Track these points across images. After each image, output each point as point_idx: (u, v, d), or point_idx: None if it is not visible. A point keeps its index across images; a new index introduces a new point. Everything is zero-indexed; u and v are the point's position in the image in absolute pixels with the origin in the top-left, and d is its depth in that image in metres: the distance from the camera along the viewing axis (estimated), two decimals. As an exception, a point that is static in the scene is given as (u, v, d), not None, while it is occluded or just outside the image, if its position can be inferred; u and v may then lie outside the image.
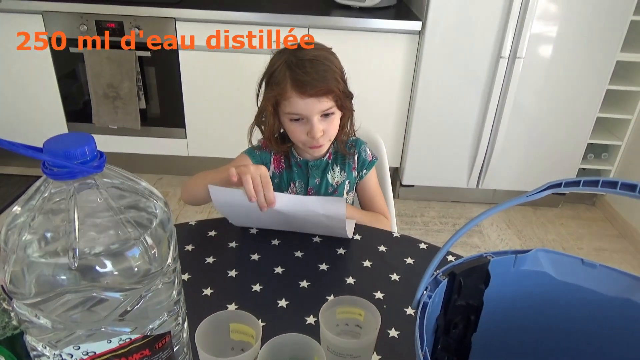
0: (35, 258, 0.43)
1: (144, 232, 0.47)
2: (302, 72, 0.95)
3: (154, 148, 2.48)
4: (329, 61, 1.00)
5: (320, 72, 0.96)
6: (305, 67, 0.96)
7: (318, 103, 0.97)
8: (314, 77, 0.95)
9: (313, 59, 0.98)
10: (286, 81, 0.96)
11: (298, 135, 1.02)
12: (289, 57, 0.99)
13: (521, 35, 2.09)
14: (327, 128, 1.01)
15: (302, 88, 0.95)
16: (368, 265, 0.89)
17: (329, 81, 0.97)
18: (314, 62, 0.97)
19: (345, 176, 1.13)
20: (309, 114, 0.98)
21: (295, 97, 0.97)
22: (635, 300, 0.53)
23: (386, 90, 2.32)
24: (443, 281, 0.52)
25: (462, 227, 0.48)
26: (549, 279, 0.57)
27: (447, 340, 0.58)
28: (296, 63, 0.97)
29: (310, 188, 1.14)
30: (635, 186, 0.43)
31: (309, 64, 0.96)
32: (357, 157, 1.13)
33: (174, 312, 0.52)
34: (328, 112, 1.00)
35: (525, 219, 2.49)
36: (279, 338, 0.56)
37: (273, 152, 1.11)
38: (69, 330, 0.45)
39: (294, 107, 0.98)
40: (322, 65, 0.97)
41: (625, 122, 2.39)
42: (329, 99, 0.98)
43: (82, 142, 0.44)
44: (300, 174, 1.13)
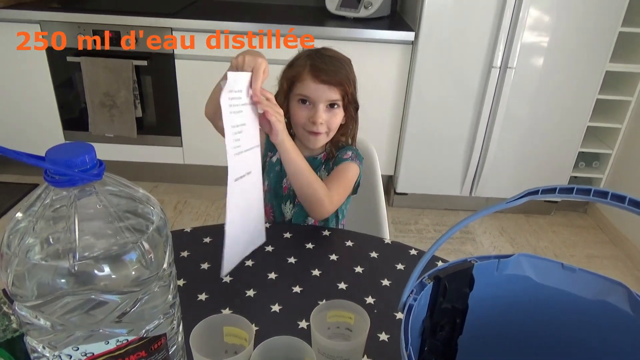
0: (37, 261, 0.45)
1: (140, 237, 0.49)
2: (321, 62, 1.06)
3: (150, 156, 2.50)
4: (346, 64, 1.11)
5: (336, 67, 1.07)
6: (324, 59, 1.07)
7: (328, 90, 1.05)
8: (330, 67, 1.06)
9: (333, 56, 1.10)
10: (305, 66, 1.07)
11: (300, 118, 1.08)
12: (312, 52, 1.10)
13: (512, 45, 2.13)
14: (328, 119, 1.08)
15: (317, 72, 1.05)
16: (359, 271, 0.91)
17: (342, 76, 1.07)
18: (334, 58, 1.09)
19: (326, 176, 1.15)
20: (317, 99, 1.05)
21: (309, 81, 1.05)
22: (611, 302, 0.55)
23: (380, 99, 2.35)
24: (428, 285, 0.54)
25: (444, 233, 0.50)
26: (531, 283, 0.59)
27: (433, 343, 0.60)
28: (317, 55, 1.09)
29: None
30: (606, 193, 0.46)
31: (328, 59, 1.08)
32: (336, 156, 1.15)
33: (170, 315, 0.54)
34: (334, 104, 1.07)
35: (518, 226, 2.52)
36: (270, 340, 0.58)
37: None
38: (68, 332, 0.47)
39: (305, 89, 1.06)
40: (339, 63, 1.09)
41: (615, 131, 2.43)
42: (338, 91, 1.06)
43: (82, 151, 0.46)
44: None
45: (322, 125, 1.07)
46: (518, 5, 2.05)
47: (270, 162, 1.18)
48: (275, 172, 1.17)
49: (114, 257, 0.47)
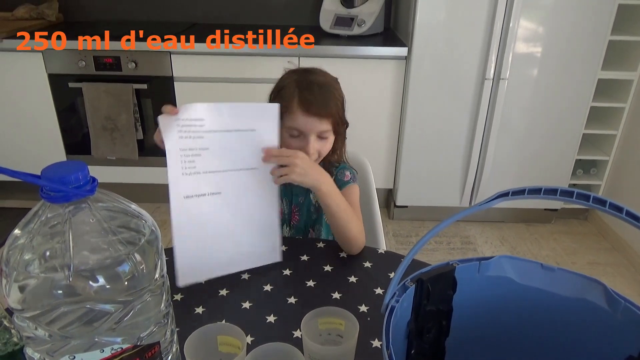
0: (35, 275, 0.48)
1: (133, 250, 0.51)
2: (310, 93, 1.05)
3: (152, 177, 2.54)
4: (334, 89, 1.09)
5: (325, 97, 1.06)
6: (313, 90, 1.05)
7: (318, 123, 1.05)
8: (319, 99, 1.05)
9: (321, 84, 1.08)
10: (294, 98, 1.05)
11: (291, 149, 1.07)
12: (299, 77, 1.08)
13: (504, 57, 2.17)
14: (320, 149, 1.08)
15: (307, 106, 1.04)
16: (353, 280, 0.93)
17: (331, 106, 1.06)
18: (322, 87, 1.07)
19: None
20: (308, 131, 1.05)
21: (299, 114, 1.04)
22: (590, 299, 0.57)
23: (377, 114, 2.39)
24: (411, 287, 0.56)
25: (423, 236, 0.52)
26: (512, 283, 0.61)
27: (421, 345, 0.61)
28: (306, 85, 1.06)
29: (294, 206, 1.19)
30: (572, 193, 0.48)
31: (317, 87, 1.06)
32: (335, 179, 1.16)
33: (163, 324, 0.56)
34: (324, 135, 1.07)
35: (519, 235, 2.53)
36: (262, 347, 0.60)
37: None
38: (65, 341, 0.49)
39: (295, 122, 1.05)
40: (328, 92, 1.07)
41: (610, 138, 2.45)
42: (328, 122, 1.06)
43: (76, 168, 0.49)
44: (286, 192, 1.18)
45: (314, 154, 1.07)
46: (508, 17, 2.10)
47: None
48: None
49: (107, 269, 0.49)
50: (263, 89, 1.13)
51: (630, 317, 0.53)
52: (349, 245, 1.02)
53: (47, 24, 2.55)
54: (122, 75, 2.29)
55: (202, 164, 0.87)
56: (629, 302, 0.54)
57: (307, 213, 1.19)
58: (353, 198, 1.14)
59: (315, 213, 1.19)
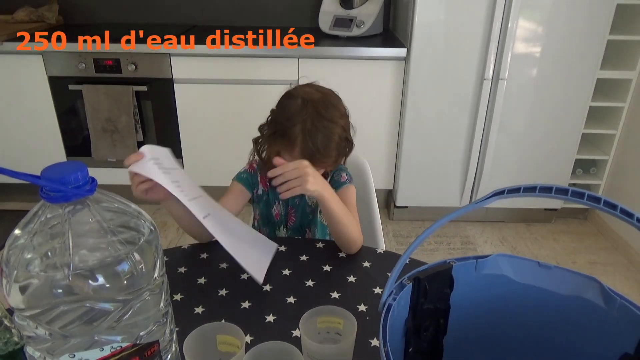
0: (35, 274, 0.48)
1: (132, 249, 0.52)
2: (313, 144, 1.02)
3: (152, 179, 2.54)
4: (340, 129, 1.06)
5: (328, 148, 1.04)
6: (316, 139, 1.02)
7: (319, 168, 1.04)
8: (321, 152, 1.03)
9: (327, 133, 1.03)
10: (297, 144, 1.03)
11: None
12: (306, 120, 1.02)
13: (502, 57, 2.17)
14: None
15: (310, 156, 1.01)
16: (352, 280, 0.94)
17: (332, 156, 1.06)
18: (327, 136, 1.03)
19: None
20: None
21: (298, 156, 1.03)
22: (587, 297, 0.57)
23: (376, 115, 2.40)
24: (408, 285, 0.57)
25: (419, 235, 0.53)
26: (509, 281, 0.61)
27: (419, 343, 0.62)
28: (310, 131, 1.02)
29: (290, 207, 1.19)
30: (566, 191, 0.48)
31: (321, 137, 1.02)
32: (330, 179, 1.16)
33: (162, 323, 0.56)
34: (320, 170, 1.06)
35: (519, 235, 2.53)
36: (261, 346, 0.61)
37: (259, 173, 1.18)
38: (65, 340, 0.49)
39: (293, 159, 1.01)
40: (332, 141, 1.04)
41: (610, 137, 2.45)
42: (326, 165, 1.08)
43: (75, 169, 0.50)
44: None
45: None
46: (506, 17, 2.10)
47: (257, 195, 1.19)
48: (263, 201, 1.20)
49: (106, 268, 0.50)
50: (263, 90, 1.13)
51: (626, 314, 0.54)
52: (348, 247, 1.02)
53: (47, 27, 2.56)
54: (122, 77, 2.29)
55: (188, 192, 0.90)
56: (625, 300, 0.54)
57: (302, 214, 1.20)
58: (350, 199, 1.15)
59: (311, 214, 1.20)
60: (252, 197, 1.20)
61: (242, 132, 1.12)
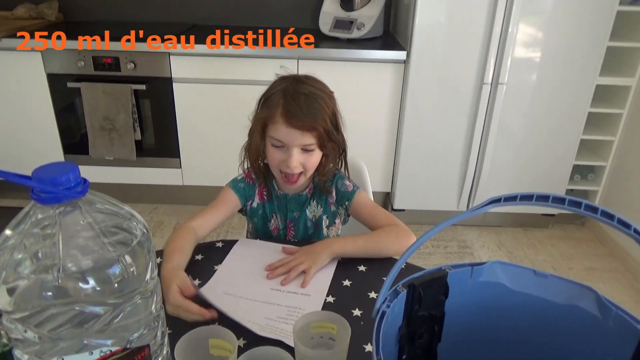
0: (25, 276, 0.48)
1: (124, 252, 0.51)
2: (295, 104, 1.00)
3: (149, 178, 2.54)
4: (323, 101, 1.03)
5: (311, 109, 1.01)
6: (299, 100, 1.00)
7: (300, 136, 1.01)
8: (303, 111, 1.00)
9: (309, 94, 1.02)
10: (278, 107, 1.01)
11: (275, 160, 1.05)
12: (288, 86, 1.03)
13: (502, 61, 2.17)
14: (305, 162, 1.05)
15: (289, 118, 1.00)
16: (347, 284, 0.93)
17: (316, 119, 1.01)
18: (309, 97, 1.01)
19: (322, 211, 1.16)
20: (290, 143, 1.02)
21: (281, 124, 1.01)
22: (582, 306, 0.57)
23: (375, 118, 2.39)
24: (402, 292, 0.56)
25: (416, 241, 0.52)
26: (504, 289, 0.61)
27: (413, 350, 0.61)
28: (292, 94, 1.01)
29: (289, 221, 1.17)
30: (564, 200, 0.48)
31: (303, 97, 1.01)
32: (335, 191, 1.15)
33: (153, 327, 0.56)
34: (308, 148, 1.04)
35: (516, 240, 2.53)
36: (253, 351, 0.60)
37: (257, 184, 1.15)
38: (54, 343, 0.49)
39: (278, 133, 1.02)
40: (315, 103, 1.01)
41: (608, 143, 2.45)
42: (312, 135, 1.02)
43: (67, 170, 0.49)
44: (280, 207, 1.16)
45: (297, 167, 1.04)
46: (507, 22, 2.10)
47: (251, 208, 1.16)
48: (259, 216, 1.17)
49: (97, 271, 0.49)
50: (262, 91, 1.12)
51: (621, 324, 0.53)
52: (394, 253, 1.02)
53: (46, 24, 2.55)
54: (120, 75, 2.29)
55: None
56: (620, 310, 0.54)
57: (303, 228, 1.17)
58: (367, 202, 1.14)
59: (312, 228, 1.17)
60: (245, 209, 1.16)
61: (240, 133, 1.11)
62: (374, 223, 1.09)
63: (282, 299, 0.88)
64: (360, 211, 1.13)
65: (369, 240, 1.03)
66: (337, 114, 1.07)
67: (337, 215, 1.18)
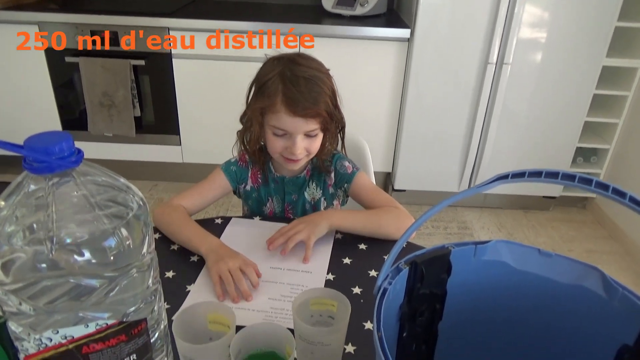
0: (18, 247, 0.46)
1: (119, 224, 0.50)
2: (296, 90, 0.94)
3: (149, 155, 2.52)
4: (323, 83, 0.98)
5: (313, 94, 0.95)
6: (300, 85, 0.94)
7: (305, 123, 0.97)
8: (305, 97, 0.94)
9: (309, 77, 0.96)
10: (277, 95, 0.95)
11: (277, 149, 1.02)
12: (284, 69, 0.96)
13: (508, 41, 2.13)
14: (308, 146, 1.02)
15: (292, 106, 0.94)
16: (348, 262, 0.92)
17: (319, 104, 0.96)
18: (309, 81, 0.96)
19: (321, 193, 1.14)
20: (294, 131, 0.98)
21: (284, 114, 0.95)
22: (587, 286, 0.56)
23: (377, 96, 2.36)
24: (404, 270, 0.55)
25: (417, 220, 0.51)
26: (508, 269, 0.60)
27: (414, 328, 0.60)
28: (290, 78, 0.95)
29: (287, 204, 1.15)
30: (573, 177, 0.46)
31: (303, 82, 0.95)
32: (334, 173, 1.12)
33: (150, 302, 0.55)
34: (312, 133, 1.00)
35: (517, 222, 2.52)
36: (252, 327, 0.59)
37: (250, 167, 1.12)
38: (49, 315, 0.48)
39: (280, 123, 0.97)
40: (316, 87, 0.96)
41: (612, 126, 2.43)
42: (316, 121, 0.98)
43: (60, 139, 0.48)
44: (277, 190, 1.14)
45: (302, 153, 1.01)
46: (513, 1, 2.06)
47: (245, 191, 1.14)
48: (253, 198, 1.14)
49: (92, 243, 0.48)
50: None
51: (627, 305, 0.52)
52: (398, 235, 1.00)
53: (44, -4, 2.50)
54: (119, 50, 2.25)
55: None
56: (626, 290, 0.53)
57: (302, 211, 1.15)
58: (367, 184, 1.11)
59: (311, 210, 1.15)
60: (237, 191, 1.14)
61: (241, 110, 1.09)
62: (373, 206, 1.07)
63: (283, 277, 0.87)
64: (359, 193, 1.11)
65: (368, 217, 1.02)
66: (336, 93, 1.03)
67: (335, 197, 1.16)
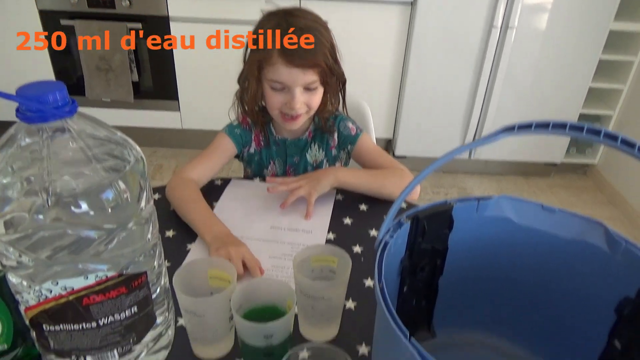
0: (14, 198, 0.46)
1: (117, 176, 0.49)
2: (292, 40, 0.91)
3: (148, 121, 2.49)
4: (320, 34, 0.95)
5: (310, 44, 0.92)
6: (295, 34, 0.92)
7: (303, 75, 0.94)
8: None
9: (305, 28, 0.93)
10: (274, 47, 0.93)
11: (276, 103, 0.99)
12: (280, 21, 0.94)
13: (513, 5, 2.08)
14: (308, 101, 0.99)
15: (289, 57, 0.92)
16: (348, 222, 0.92)
17: (317, 54, 0.94)
18: (305, 31, 0.93)
19: (323, 155, 1.13)
20: (292, 84, 0.95)
21: (281, 65, 0.93)
22: (590, 241, 0.55)
23: (379, 62, 2.32)
24: (406, 224, 0.55)
25: (420, 173, 0.50)
26: (511, 224, 0.59)
27: (414, 283, 0.60)
28: (286, 29, 0.92)
29: (289, 166, 1.13)
30: (582, 128, 0.45)
31: (299, 32, 0.92)
32: (337, 134, 1.11)
33: (150, 255, 0.54)
34: (311, 86, 0.97)
35: (517, 187, 2.52)
36: (252, 282, 0.59)
37: (253, 129, 1.09)
38: (47, 267, 0.47)
39: (277, 75, 0.95)
40: (312, 36, 0.93)
41: (617, 92, 2.39)
42: (315, 72, 0.95)
43: (54, 88, 0.46)
44: (279, 152, 1.12)
45: (301, 107, 0.99)
46: (520, -39, 2.00)
47: (248, 154, 1.11)
48: (255, 162, 1.13)
49: (89, 195, 0.47)
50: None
51: (630, 258, 0.52)
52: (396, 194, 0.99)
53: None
54: (115, 13, 2.20)
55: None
56: (630, 244, 0.52)
57: (303, 173, 1.12)
58: (371, 146, 1.10)
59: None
60: (241, 155, 1.12)
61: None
62: (377, 168, 1.06)
63: (284, 236, 0.87)
64: (363, 155, 1.10)
65: (373, 176, 1.01)
66: (335, 47, 1.00)
67: (338, 159, 1.15)
